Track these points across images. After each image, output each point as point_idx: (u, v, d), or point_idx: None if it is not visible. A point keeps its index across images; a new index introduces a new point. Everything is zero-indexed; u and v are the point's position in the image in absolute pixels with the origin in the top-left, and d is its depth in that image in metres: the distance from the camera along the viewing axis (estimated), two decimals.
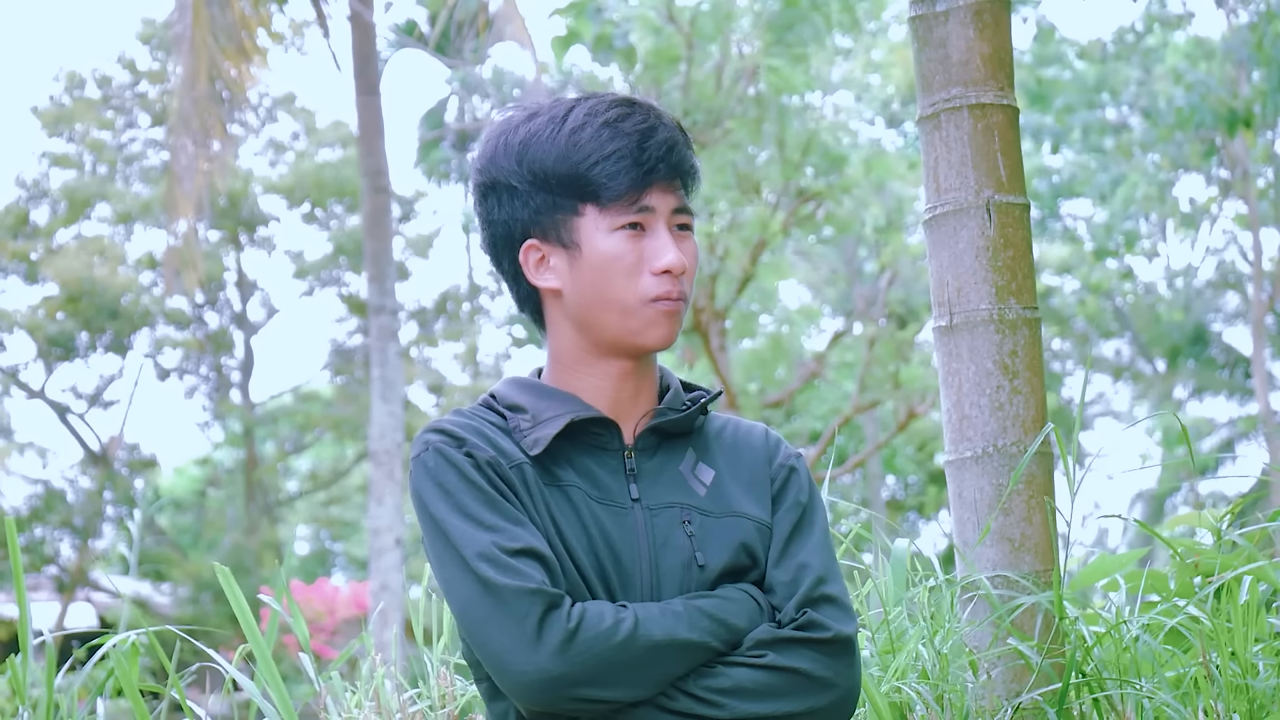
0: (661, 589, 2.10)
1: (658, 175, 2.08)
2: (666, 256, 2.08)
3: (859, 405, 20.45)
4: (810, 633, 2.09)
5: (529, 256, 2.13)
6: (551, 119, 2.10)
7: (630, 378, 2.16)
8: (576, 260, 2.10)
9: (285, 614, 3.19)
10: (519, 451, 2.10)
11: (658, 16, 16.61)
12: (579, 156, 2.07)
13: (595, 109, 2.10)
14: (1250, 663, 2.81)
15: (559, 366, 2.17)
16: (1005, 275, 3.18)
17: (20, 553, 3.03)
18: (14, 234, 23.92)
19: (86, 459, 24.58)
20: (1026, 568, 3.09)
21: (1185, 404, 29.94)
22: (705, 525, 2.14)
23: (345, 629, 19.15)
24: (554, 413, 2.12)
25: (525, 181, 2.10)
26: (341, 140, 25.46)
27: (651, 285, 2.09)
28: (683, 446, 2.19)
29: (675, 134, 2.12)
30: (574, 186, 2.08)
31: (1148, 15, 21.74)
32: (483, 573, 2.00)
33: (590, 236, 2.09)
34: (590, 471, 2.13)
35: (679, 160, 2.11)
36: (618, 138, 2.07)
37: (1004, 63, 3.25)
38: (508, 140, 2.12)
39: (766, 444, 2.24)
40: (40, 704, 3.06)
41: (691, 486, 2.16)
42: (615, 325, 2.10)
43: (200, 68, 13.48)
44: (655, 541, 2.11)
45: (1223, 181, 24.21)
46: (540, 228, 2.11)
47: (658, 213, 2.10)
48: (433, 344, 27.37)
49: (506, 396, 2.17)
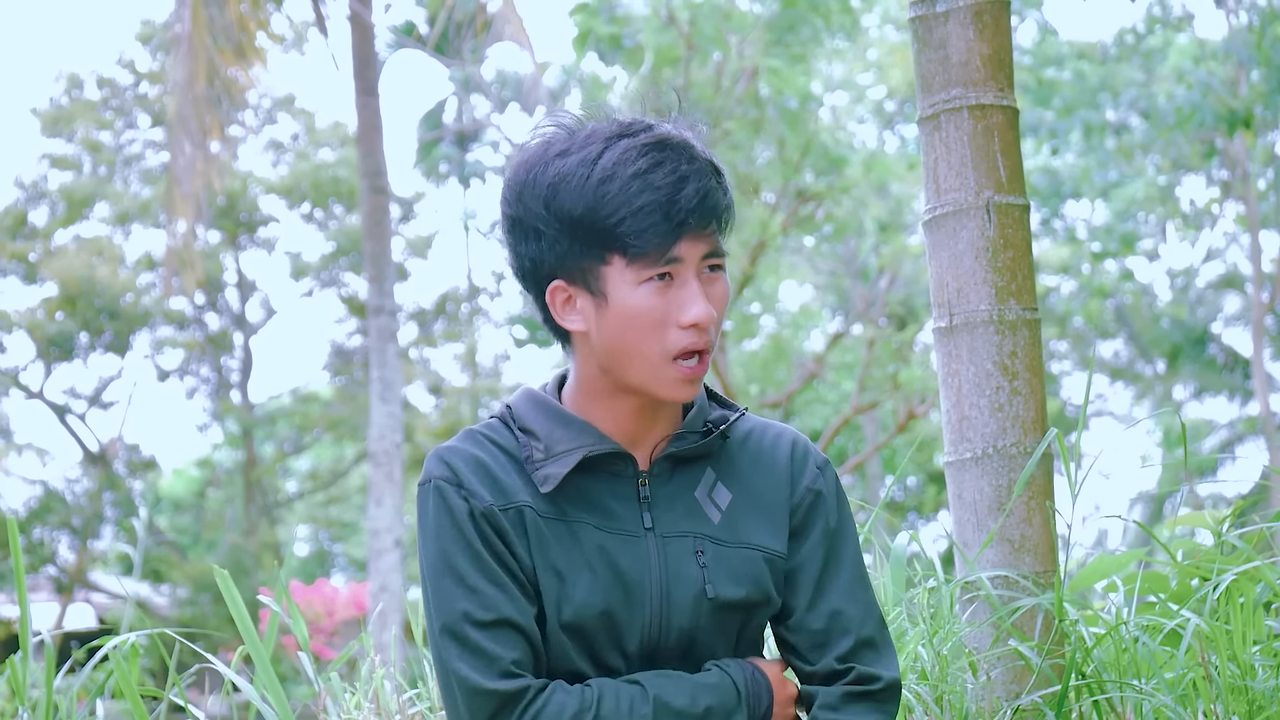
0: (671, 620, 2.08)
1: (688, 229, 2.02)
2: (693, 310, 2.03)
3: (858, 406, 20.45)
4: (866, 686, 2.13)
5: (555, 297, 2.08)
6: (582, 161, 2.03)
7: (649, 410, 2.13)
8: (603, 309, 2.05)
9: (284, 615, 3.19)
10: (524, 488, 2.09)
11: (659, 17, 16.64)
12: (607, 210, 2.01)
13: (626, 156, 2.02)
14: (1249, 664, 2.81)
15: (581, 392, 2.14)
16: (1005, 276, 3.18)
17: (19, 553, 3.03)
18: (13, 235, 23.92)
19: (86, 460, 24.57)
20: (1026, 569, 3.09)
21: (1185, 405, 29.95)
22: (718, 555, 2.12)
23: (344, 630, 19.14)
24: (568, 445, 2.09)
25: (552, 226, 2.04)
26: (341, 141, 25.45)
27: (678, 339, 2.04)
28: (701, 468, 2.16)
29: (708, 181, 2.04)
30: (601, 237, 2.02)
31: (1149, 17, 21.73)
32: (447, 652, 2.03)
33: (617, 287, 2.03)
34: (601, 502, 2.10)
35: (710, 208, 2.04)
36: (647, 191, 2.01)
37: (1004, 63, 3.25)
38: (536, 178, 2.06)
39: (791, 464, 2.19)
40: (40, 705, 3.06)
41: (706, 513, 2.13)
42: (637, 377, 2.06)
43: (199, 68, 13.47)
44: (667, 572, 2.09)
45: (1223, 183, 24.21)
46: (567, 271, 2.06)
47: (686, 262, 2.04)
48: (432, 345, 27.37)
49: (523, 417, 2.15)
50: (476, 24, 16.65)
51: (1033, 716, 2.96)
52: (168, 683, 3.10)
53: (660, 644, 2.09)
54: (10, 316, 23.50)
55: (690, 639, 2.10)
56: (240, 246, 25.68)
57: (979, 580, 3.02)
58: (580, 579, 2.07)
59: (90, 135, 24.38)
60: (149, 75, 24.45)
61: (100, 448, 24.46)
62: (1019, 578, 3.07)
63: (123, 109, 24.68)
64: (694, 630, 2.10)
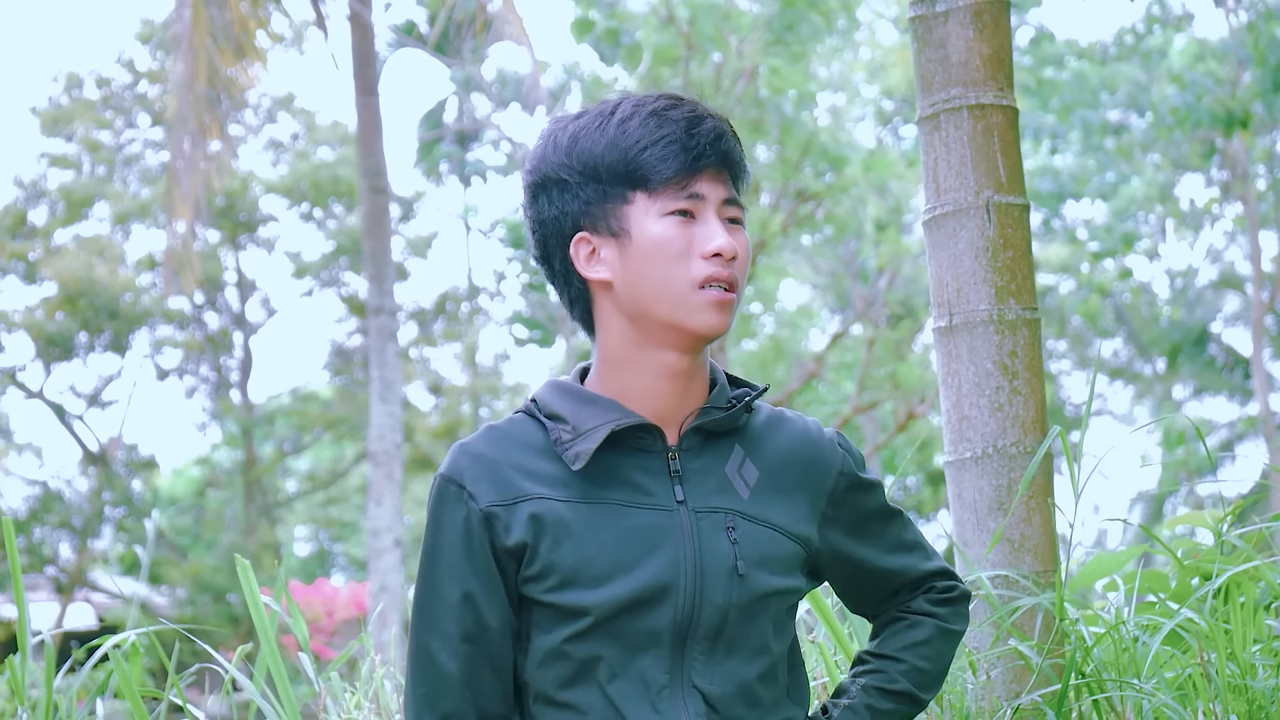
0: (704, 596, 2.08)
1: (706, 161, 2.09)
2: (717, 240, 2.07)
3: (858, 406, 20.45)
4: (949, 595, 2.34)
5: (579, 249, 2.12)
6: (600, 114, 2.12)
7: (680, 375, 2.13)
8: (627, 248, 2.09)
9: (284, 614, 3.19)
10: (546, 478, 2.10)
11: (658, 17, 16.65)
12: (628, 143, 2.08)
13: (643, 102, 2.11)
14: (1249, 663, 2.81)
15: (606, 366, 2.15)
16: (1005, 276, 3.18)
17: (19, 554, 3.03)
18: (13, 234, 23.91)
19: (85, 459, 24.57)
20: (1026, 568, 3.09)
21: (1185, 405, 29.94)
22: (748, 533, 2.12)
23: (344, 630, 19.14)
24: (595, 422, 2.10)
25: (575, 173, 2.11)
26: (340, 140, 25.45)
27: (702, 268, 2.07)
28: (729, 444, 2.17)
29: (723, 125, 2.13)
30: (623, 173, 2.08)
31: (1148, 17, 21.73)
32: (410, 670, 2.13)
33: (640, 223, 2.08)
34: (632, 478, 2.11)
35: (728, 149, 2.11)
36: (666, 124, 2.08)
37: (1003, 63, 3.25)
38: (557, 138, 2.14)
39: (821, 450, 2.23)
40: (39, 705, 3.06)
41: (736, 489, 2.15)
42: (665, 312, 2.08)
43: (199, 68, 13.47)
44: (701, 547, 2.09)
45: (1223, 183, 24.21)
46: (591, 219, 2.11)
47: (708, 200, 2.09)
48: (432, 344, 27.36)
49: (547, 404, 2.15)
50: (476, 23, 16.65)
51: (1033, 716, 2.96)
52: (168, 683, 3.10)
53: (692, 622, 2.08)
54: (10, 316, 23.50)
55: (723, 617, 2.09)
56: (240, 246, 25.67)
57: (979, 580, 3.02)
58: (610, 559, 2.07)
59: (90, 135, 24.38)
60: (149, 75, 24.44)
61: (100, 447, 24.46)
62: (1019, 577, 3.07)
63: (122, 108, 24.67)
64: (726, 608, 2.09)
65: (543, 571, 2.07)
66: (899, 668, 2.25)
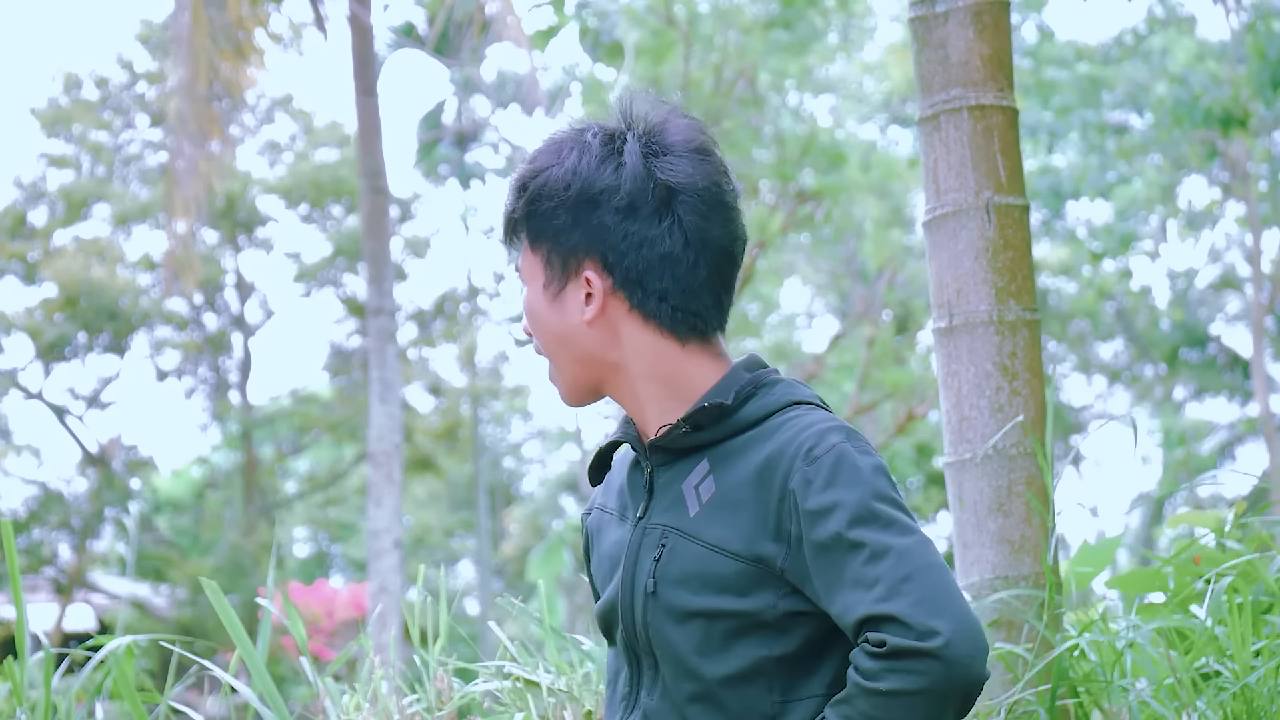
0: (633, 613, 2.08)
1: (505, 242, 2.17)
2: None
3: (858, 407, 20.44)
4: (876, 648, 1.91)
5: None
6: None
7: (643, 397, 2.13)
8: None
9: (282, 616, 3.19)
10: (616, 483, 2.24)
11: (655, 18, 16.63)
12: None
13: None
14: (1247, 664, 2.80)
15: None
16: (1005, 276, 3.18)
17: (18, 555, 3.03)
18: (12, 235, 23.91)
19: (85, 460, 24.57)
20: (1026, 569, 3.09)
21: (1185, 406, 29.94)
22: (677, 549, 2.04)
23: (344, 631, 19.14)
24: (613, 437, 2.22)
25: None
26: (339, 141, 25.45)
27: None
28: (696, 458, 2.07)
29: (508, 195, 2.14)
30: None
31: (1149, 18, 21.74)
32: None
33: None
34: (623, 490, 2.19)
35: (505, 222, 2.16)
36: None
37: (1003, 64, 3.25)
38: None
39: (780, 462, 2.00)
40: (38, 706, 3.05)
41: (687, 504, 2.05)
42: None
43: (200, 69, 13.47)
44: (634, 564, 2.09)
45: (1224, 183, 24.21)
46: None
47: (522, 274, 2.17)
48: (431, 345, 27.36)
49: None
50: (475, 25, 16.65)
51: (1027, 716, 2.96)
52: (167, 684, 3.10)
53: (635, 637, 2.09)
54: (9, 317, 23.50)
55: (646, 636, 2.06)
56: (239, 247, 25.68)
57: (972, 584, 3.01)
58: (601, 572, 2.20)
59: (89, 136, 24.38)
60: (148, 75, 24.44)
61: (99, 448, 24.46)
62: (1019, 578, 3.07)
63: (121, 109, 24.67)
64: (644, 626, 2.05)
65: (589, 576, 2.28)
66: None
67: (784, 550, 1.98)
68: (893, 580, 1.91)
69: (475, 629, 25.47)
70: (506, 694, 3.29)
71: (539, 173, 2.10)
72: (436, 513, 32.80)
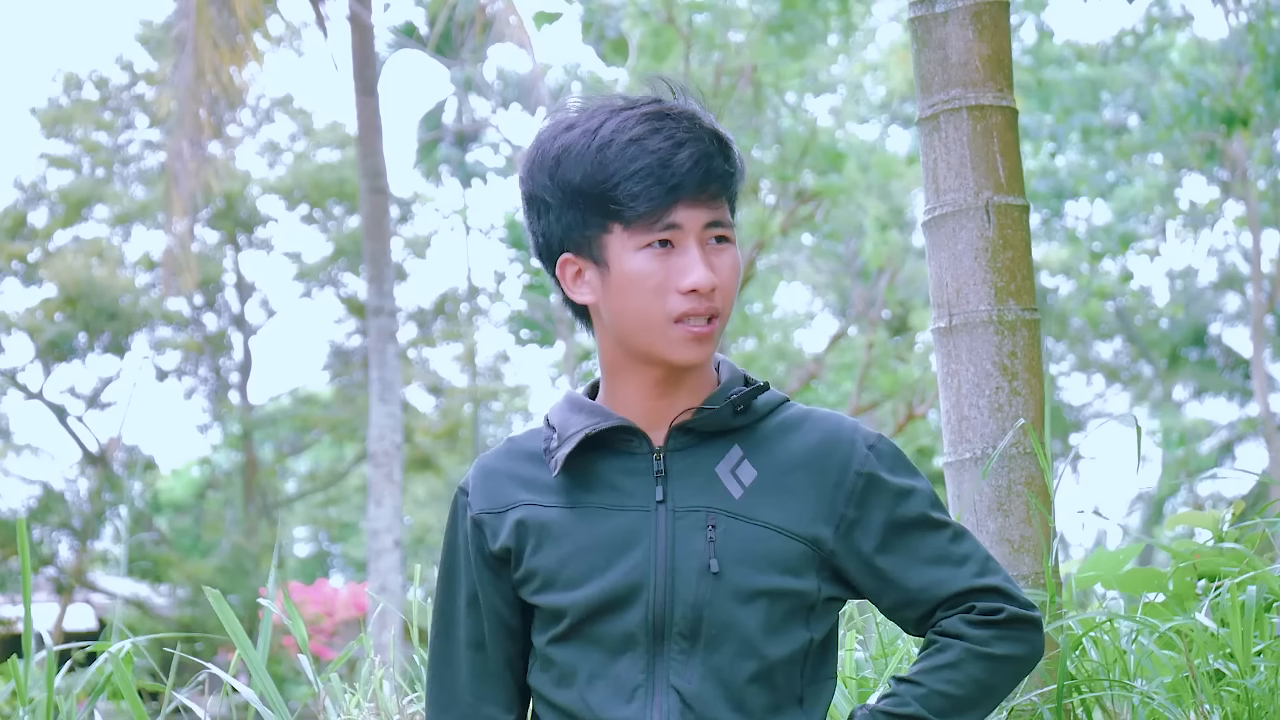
0: (676, 594, 2.07)
1: (684, 192, 2.04)
2: (692, 275, 2.04)
3: (858, 406, 20.44)
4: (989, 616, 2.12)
5: (565, 271, 2.12)
6: (585, 132, 2.08)
7: (666, 384, 2.13)
8: (607, 277, 2.08)
9: (283, 615, 3.19)
10: (538, 485, 2.15)
11: (656, 17, 16.64)
12: (603, 175, 2.04)
13: (625, 123, 2.06)
14: (1248, 664, 2.81)
15: (605, 373, 2.17)
16: (1004, 276, 3.18)
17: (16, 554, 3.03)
18: (12, 236, 23.92)
19: (85, 460, 24.57)
20: (1026, 569, 3.09)
21: (1184, 406, 29.94)
22: (732, 530, 2.09)
23: (344, 630, 19.13)
24: (575, 428, 2.12)
25: (557, 197, 2.09)
26: (340, 141, 25.45)
27: (678, 304, 2.05)
28: (725, 444, 2.13)
29: (707, 145, 2.07)
30: (600, 205, 2.05)
31: (1148, 17, 21.74)
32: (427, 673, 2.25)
33: (618, 255, 2.06)
34: (614, 480, 2.12)
35: (708, 173, 2.06)
36: (642, 155, 2.04)
37: (1003, 64, 3.25)
38: (544, 152, 2.11)
39: (838, 448, 2.13)
40: (39, 706, 3.06)
41: (727, 488, 2.11)
42: (644, 343, 2.08)
43: (203, 68, 13.48)
44: (674, 545, 2.08)
45: (1223, 183, 24.22)
46: (574, 243, 2.10)
47: (686, 229, 2.05)
48: (431, 345, 27.36)
49: (550, 414, 2.20)
50: (476, 24, 16.66)
51: (1030, 717, 2.96)
52: (168, 684, 3.10)
53: (667, 621, 2.08)
54: (9, 318, 23.50)
55: (698, 615, 2.07)
56: (239, 247, 25.68)
57: None
58: (587, 561, 2.09)
59: (89, 136, 24.38)
60: (147, 76, 24.44)
61: (99, 448, 24.46)
62: (1019, 578, 3.07)
63: (121, 109, 24.67)
64: (700, 605, 2.07)
65: (526, 575, 2.13)
66: (915, 691, 2.10)
67: (835, 533, 2.11)
68: (981, 558, 2.15)
69: None
70: None
71: (733, 140, 2.15)
72: (436, 513, 32.80)
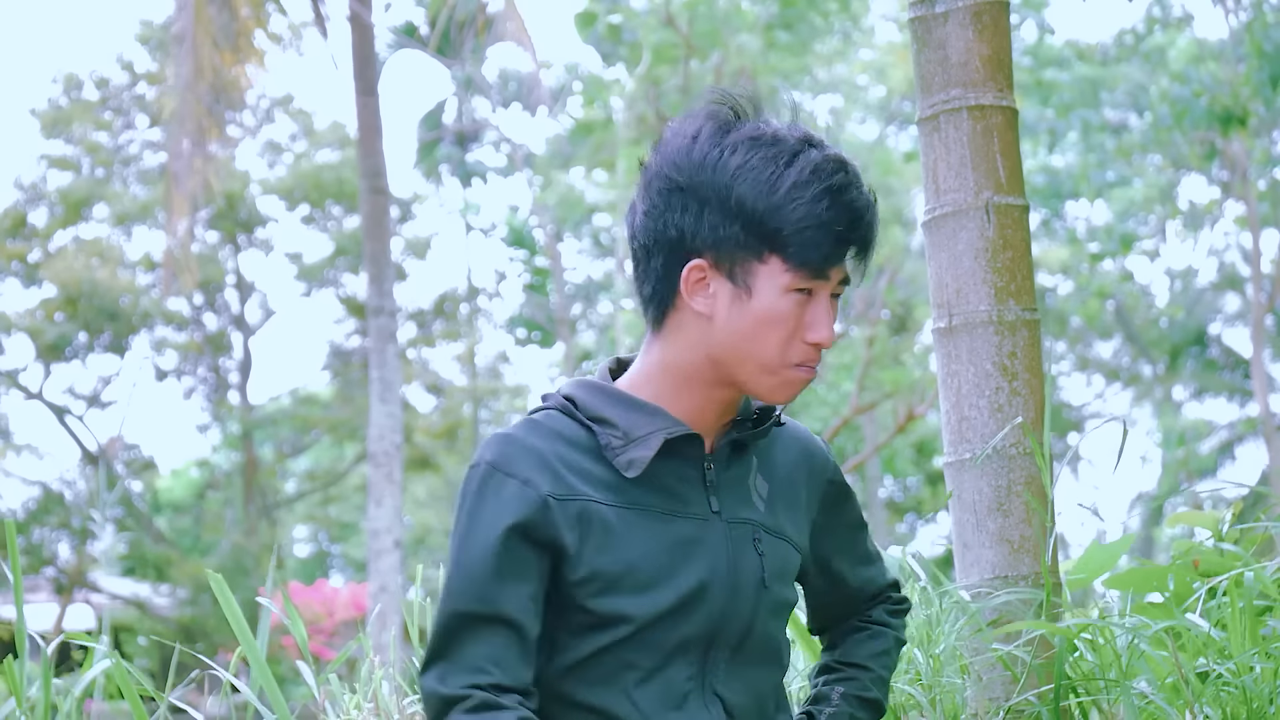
0: (735, 608, 2.11)
1: (851, 254, 2.08)
2: (822, 330, 2.07)
3: (858, 406, 20.44)
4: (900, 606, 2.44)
5: (691, 275, 2.07)
6: (774, 158, 2.04)
7: (731, 403, 2.14)
8: (742, 302, 2.05)
9: (282, 616, 3.19)
10: (589, 480, 2.07)
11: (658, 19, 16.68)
12: (794, 215, 2.02)
13: (821, 169, 2.04)
14: (1246, 664, 2.80)
15: (668, 376, 2.12)
16: (1004, 276, 3.18)
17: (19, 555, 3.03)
18: (12, 236, 23.92)
19: (85, 460, 24.57)
20: (1026, 569, 3.09)
21: (1184, 406, 29.95)
22: (770, 545, 2.17)
23: (344, 630, 19.15)
24: (646, 429, 2.08)
25: (725, 208, 2.04)
26: (340, 141, 25.44)
27: (799, 352, 2.07)
28: (749, 457, 2.19)
29: (875, 213, 2.11)
30: (773, 238, 2.03)
31: (1148, 18, 21.75)
32: (437, 640, 2.03)
33: (765, 288, 2.05)
34: (671, 485, 2.10)
35: (871, 239, 2.10)
36: (835, 209, 2.04)
37: (1003, 64, 3.25)
38: (723, 158, 2.05)
39: (814, 459, 2.28)
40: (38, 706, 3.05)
41: (756, 500, 2.17)
42: (749, 375, 2.08)
43: (204, 68, 13.48)
44: (736, 558, 2.12)
45: (1223, 183, 24.22)
46: (716, 254, 2.06)
47: (829, 281, 2.08)
48: (431, 345, 27.36)
49: (590, 406, 2.11)
50: (477, 24, 16.66)
51: (1027, 717, 2.96)
52: (168, 684, 3.10)
53: (720, 631, 2.10)
54: (9, 317, 23.50)
55: (748, 628, 2.12)
56: (239, 247, 25.68)
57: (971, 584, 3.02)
58: (654, 567, 2.06)
59: (89, 136, 24.37)
60: (147, 76, 24.44)
61: (99, 448, 24.46)
62: (1018, 578, 3.07)
63: (121, 109, 24.67)
64: (752, 619, 2.12)
65: (587, 577, 2.05)
66: (869, 676, 2.34)
67: (809, 539, 2.27)
68: (880, 552, 2.44)
69: None
70: None
71: None
72: (436, 513, 32.82)
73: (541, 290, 30.11)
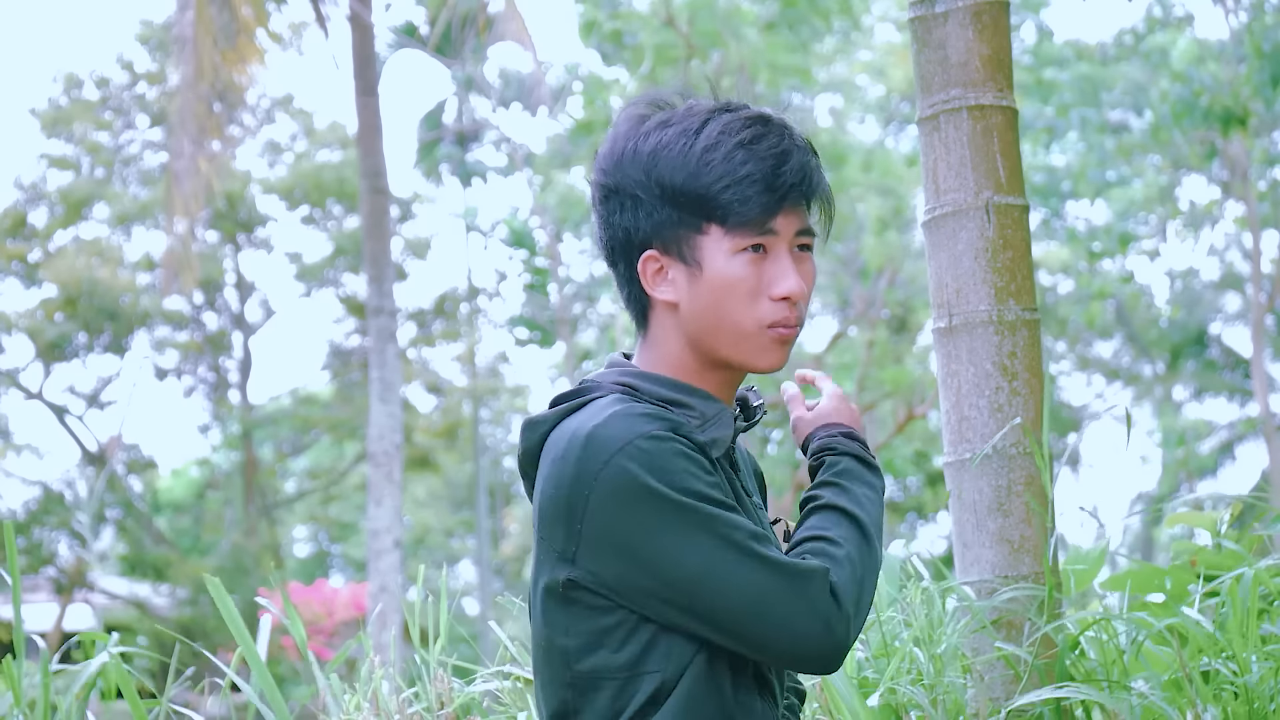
0: None
1: (789, 201, 2.04)
2: (786, 283, 2.04)
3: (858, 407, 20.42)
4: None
5: (647, 267, 2.07)
6: (684, 131, 2.05)
7: (731, 387, 2.13)
8: (696, 278, 2.05)
9: (282, 617, 3.19)
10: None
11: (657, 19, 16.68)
12: (710, 177, 2.02)
13: (730, 126, 2.05)
14: (1246, 664, 2.80)
15: (669, 370, 2.10)
16: (1004, 276, 3.18)
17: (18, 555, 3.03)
18: (12, 236, 23.91)
19: (85, 460, 24.57)
20: (1026, 569, 3.09)
21: (1184, 406, 29.94)
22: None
23: (343, 630, 19.15)
24: (714, 411, 2.08)
25: (651, 194, 2.05)
26: (340, 141, 25.44)
27: (769, 311, 2.05)
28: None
29: (810, 157, 2.08)
30: (702, 206, 2.03)
31: (1149, 18, 21.75)
32: (766, 554, 1.96)
33: (712, 256, 2.04)
34: (718, 466, 2.09)
35: (811, 185, 2.07)
36: (751, 160, 2.03)
37: (1003, 64, 3.25)
38: (637, 147, 2.07)
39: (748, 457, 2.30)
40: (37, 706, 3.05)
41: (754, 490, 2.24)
42: (728, 347, 2.06)
43: (204, 68, 13.48)
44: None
45: (1223, 183, 24.22)
46: (662, 240, 2.06)
47: (781, 235, 2.05)
48: (431, 345, 27.36)
49: (655, 392, 2.07)
50: (478, 24, 16.66)
51: (1029, 717, 2.96)
52: (167, 684, 3.10)
53: None
54: (9, 317, 23.50)
55: None
56: (239, 247, 25.68)
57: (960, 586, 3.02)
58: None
59: (89, 136, 24.36)
60: (148, 76, 24.43)
61: (99, 448, 24.46)
62: (1018, 578, 3.07)
63: (121, 109, 24.66)
64: None
65: None
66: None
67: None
68: None
69: (475, 629, 25.47)
70: (506, 694, 3.30)
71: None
72: (436, 513, 32.82)
73: (541, 290, 30.09)
